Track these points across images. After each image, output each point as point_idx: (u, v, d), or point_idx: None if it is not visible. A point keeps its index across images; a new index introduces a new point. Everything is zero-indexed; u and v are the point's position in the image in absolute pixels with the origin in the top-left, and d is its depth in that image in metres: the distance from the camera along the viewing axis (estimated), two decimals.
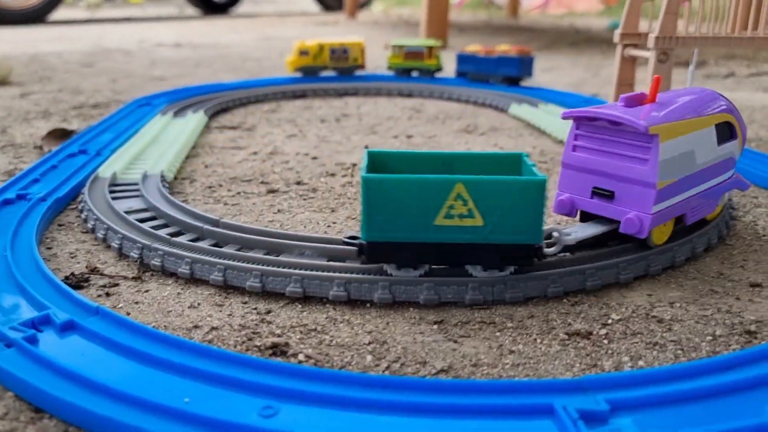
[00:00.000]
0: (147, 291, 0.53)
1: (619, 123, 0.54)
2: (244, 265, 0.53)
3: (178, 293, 0.53)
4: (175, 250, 0.56)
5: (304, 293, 0.51)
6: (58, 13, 3.90)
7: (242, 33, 3.14)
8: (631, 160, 0.55)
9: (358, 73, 1.56)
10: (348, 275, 0.51)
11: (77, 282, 0.54)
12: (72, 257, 0.60)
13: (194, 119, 1.10)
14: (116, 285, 0.54)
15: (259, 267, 0.52)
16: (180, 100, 1.27)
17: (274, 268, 0.52)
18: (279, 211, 0.72)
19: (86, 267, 0.57)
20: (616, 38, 1.06)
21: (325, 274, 0.51)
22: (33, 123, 1.15)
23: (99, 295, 0.52)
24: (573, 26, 3.66)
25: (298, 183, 0.82)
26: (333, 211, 0.72)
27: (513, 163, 0.56)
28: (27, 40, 2.71)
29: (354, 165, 0.90)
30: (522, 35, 3.09)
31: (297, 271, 0.52)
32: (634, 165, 0.54)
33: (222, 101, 1.28)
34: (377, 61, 1.90)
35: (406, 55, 1.53)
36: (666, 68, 0.97)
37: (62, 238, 0.64)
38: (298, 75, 1.51)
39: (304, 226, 0.68)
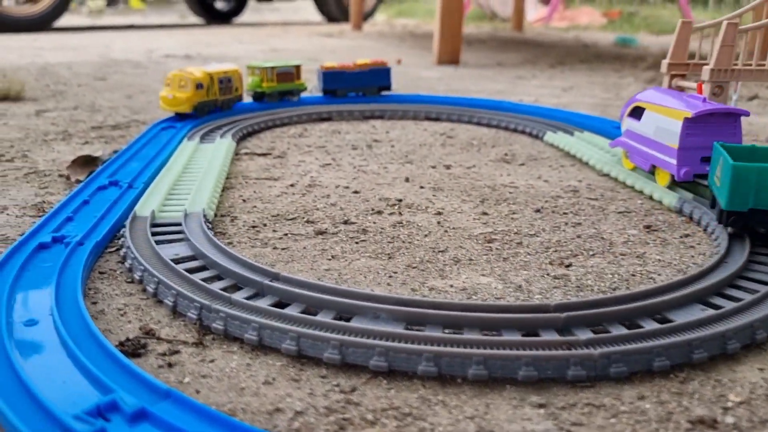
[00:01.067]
0: (212, 361, 0.48)
1: (732, 114, 0.81)
2: (319, 333, 0.48)
3: (248, 364, 0.48)
4: (238, 313, 0.51)
5: (389, 368, 0.46)
6: (61, 20, 3.83)
7: (248, 44, 3.10)
8: (727, 135, 0.81)
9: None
10: (437, 348, 0.46)
11: (134, 349, 0.49)
12: (122, 315, 0.55)
13: (223, 145, 1.05)
14: (177, 352, 0.49)
15: (337, 336, 0.48)
16: (204, 123, 1.22)
17: (355, 338, 0.47)
18: (333, 257, 0.68)
19: (140, 329, 0.52)
20: (664, 68, 1.02)
21: (412, 346, 0.47)
22: (53, 146, 1.09)
23: (160, 366, 0.47)
24: (579, 40, 3.63)
25: (346, 222, 0.78)
26: (390, 258, 0.68)
27: None
28: (32, 48, 2.66)
29: (400, 201, 0.86)
30: (530, 50, 3.06)
31: (381, 342, 0.47)
32: (728, 137, 0.81)
33: (247, 124, 1.23)
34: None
35: (279, 76, 1.37)
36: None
37: (106, 290, 0.59)
38: (173, 114, 1.21)
39: (364, 276, 0.63)
